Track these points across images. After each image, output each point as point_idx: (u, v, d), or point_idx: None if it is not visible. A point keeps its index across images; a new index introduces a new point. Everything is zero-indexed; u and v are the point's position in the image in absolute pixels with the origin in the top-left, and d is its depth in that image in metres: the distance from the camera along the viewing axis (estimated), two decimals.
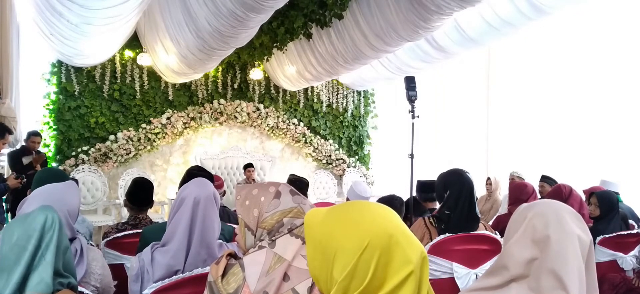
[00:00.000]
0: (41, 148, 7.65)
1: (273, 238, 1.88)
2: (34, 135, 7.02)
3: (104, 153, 8.78)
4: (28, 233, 1.82)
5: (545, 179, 6.35)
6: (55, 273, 1.82)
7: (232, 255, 1.89)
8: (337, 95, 11.26)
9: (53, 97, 8.49)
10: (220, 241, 2.70)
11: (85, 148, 8.63)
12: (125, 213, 7.96)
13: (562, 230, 1.57)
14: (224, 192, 4.83)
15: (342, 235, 1.21)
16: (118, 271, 3.21)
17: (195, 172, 4.07)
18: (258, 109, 10.28)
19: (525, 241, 1.63)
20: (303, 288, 1.76)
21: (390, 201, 4.31)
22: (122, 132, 8.95)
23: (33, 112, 8.27)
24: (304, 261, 1.80)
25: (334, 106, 11.25)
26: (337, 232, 1.22)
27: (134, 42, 8.46)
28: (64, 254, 1.88)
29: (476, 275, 3.14)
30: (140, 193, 3.93)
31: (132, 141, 9.01)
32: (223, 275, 1.81)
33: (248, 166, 9.12)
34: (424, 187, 4.84)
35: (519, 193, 5.09)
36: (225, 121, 10.03)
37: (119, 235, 3.55)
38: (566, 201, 4.84)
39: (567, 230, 1.57)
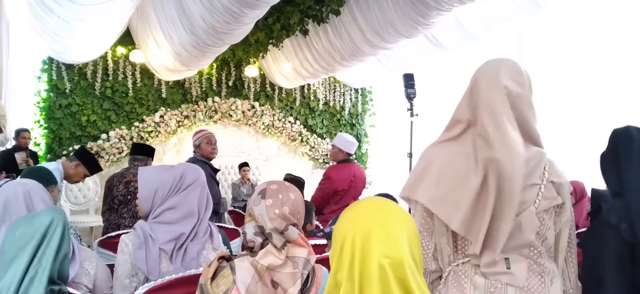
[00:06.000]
0: (32, 147, 7.66)
1: (253, 250, 1.93)
2: (23, 132, 7.03)
3: (95, 152, 8.74)
4: (30, 233, 1.82)
5: None
6: (49, 279, 1.82)
7: (225, 258, 1.91)
8: (334, 92, 11.26)
9: (44, 95, 8.46)
10: (209, 223, 2.84)
11: (76, 147, 8.57)
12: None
13: (491, 80, 1.94)
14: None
15: (337, 227, 1.39)
16: (112, 271, 3.24)
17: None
18: (253, 107, 10.27)
19: (466, 97, 2.03)
20: (294, 291, 1.83)
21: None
22: (114, 130, 8.93)
23: (23, 111, 8.24)
24: (289, 264, 1.87)
25: (331, 104, 11.25)
26: (337, 224, 1.41)
27: (127, 39, 8.44)
28: (62, 260, 1.88)
29: None
30: (139, 146, 4.98)
31: (125, 140, 8.98)
32: (213, 277, 1.83)
33: (243, 165, 9.13)
34: None
35: None
36: (219, 119, 10.02)
37: (113, 234, 3.74)
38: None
39: (495, 81, 1.92)
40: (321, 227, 4.90)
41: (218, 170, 5.56)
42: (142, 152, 5.00)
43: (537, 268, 1.86)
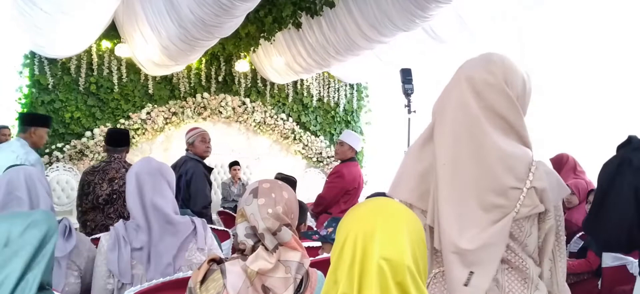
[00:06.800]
0: None
1: (244, 253, 1.92)
2: (3, 129, 7.01)
3: (79, 151, 8.72)
4: (26, 239, 1.79)
5: None
6: (39, 286, 1.81)
7: (215, 260, 1.91)
8: (328, 88, 11.25)
9: (25, 90, 8.42)
10: (189, 216, 2.88)
11: (59, 145, 8.58)
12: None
13: (457, 70, 1.98)
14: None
15: (341, 224, 1.42)
16: None
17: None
18: (244, 103, 10.25)
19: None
20: None
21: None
22: (99, 127, 8.89)
23: (4, 107, 8.20)
24: (281, 269, 1.86)
25: (325, 100, 11.24)
26: (342, 222, 1.43)
27: (112, 32, 8.41)
28: (51, 267, 1.88)
29: None
30: (115, 135, 5.04)
31: None
32: (203, 281, 1.83)
33: (233, 164, 9.11)
34: None
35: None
36: (209, 116, 9.99)
37: (96, 236, 3.68)
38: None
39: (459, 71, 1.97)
40: (315, 229, 4.90)
41: (212, 169, 5.56)
42: (119, 142, 5.00)
43: (519, 275, 1.83)
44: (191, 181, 5.15)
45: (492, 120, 1.82)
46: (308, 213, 4.82)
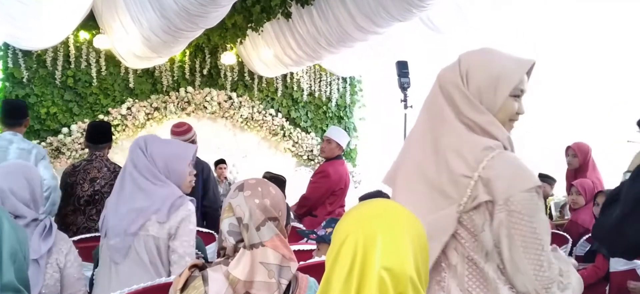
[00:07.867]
0: None
1: (227, 255, 1.93)
2: None
3: (56, 148, 8.66)
4: None
5: (544, 178, 6.35)
6: (6, 287, 1.76)
7: (198, 266, 1.89)
8: (319, 82, 11.21)
9: None
10: (182, 195, 2.95)
11: (35, 142, 8.49)
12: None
13: None
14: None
15: (339, 226, 1.39)
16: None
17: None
18: (230, 98, 10.20)
19: None
20: None
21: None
22: (76, 123, 8.82)
23: None
24: (262, 272, 1.83)
25: (316, 95, 11.21)
26: (340, 223, 1.41)
27: (90, 23, 8.34)
28: (12, 261, 1.83)
29: None
30: (96, 131, 5.05)
31: None
32: (183, 288, 1.80)
33: (219, 162, 9.08)
34: None
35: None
36: (193, 111, 9.94)
37: (76, 238, 3.79)
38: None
39: None
40: (304, 229, 4.88)
41: None
42: (101, 138, 4.95)
43: (476, 278, 1.81)
44: (208, 180, 5.14)
45: (457, 115, 1.91)
46: (291, 215, 4.81)
